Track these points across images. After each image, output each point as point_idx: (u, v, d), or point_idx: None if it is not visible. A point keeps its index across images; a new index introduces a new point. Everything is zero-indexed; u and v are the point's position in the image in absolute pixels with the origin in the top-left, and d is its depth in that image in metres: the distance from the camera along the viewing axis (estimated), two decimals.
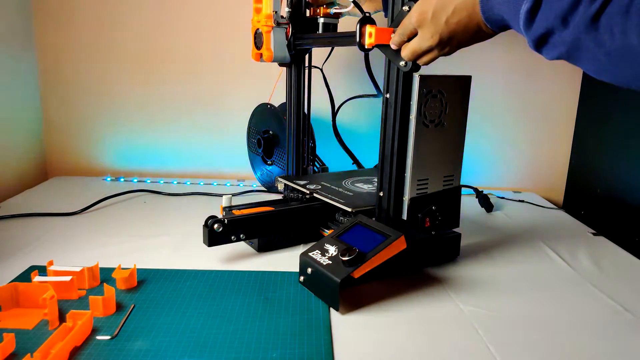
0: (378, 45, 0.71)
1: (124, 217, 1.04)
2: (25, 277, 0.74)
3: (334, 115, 1.10)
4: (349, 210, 0.81)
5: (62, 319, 0.62)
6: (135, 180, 1.33)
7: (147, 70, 1.34)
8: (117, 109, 1.37)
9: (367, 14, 0.73)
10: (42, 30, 1.31)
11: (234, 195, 1.11)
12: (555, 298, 0.74)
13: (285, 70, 1.00)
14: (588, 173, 1.28)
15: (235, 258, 0.84)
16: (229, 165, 1.40)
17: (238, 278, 0.76)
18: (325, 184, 0.95)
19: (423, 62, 0.67)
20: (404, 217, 0.76)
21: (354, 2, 0.85)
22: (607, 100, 1.21)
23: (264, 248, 0.87)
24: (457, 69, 1.31)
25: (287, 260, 0.83)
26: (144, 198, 1.18)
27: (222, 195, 0.91)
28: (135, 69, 1.34)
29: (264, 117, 1.19)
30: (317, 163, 1.14)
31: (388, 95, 0.73)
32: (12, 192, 1.20)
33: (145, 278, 0.75)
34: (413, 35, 0.66)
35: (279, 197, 1.03)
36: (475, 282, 0.78)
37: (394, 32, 0.68)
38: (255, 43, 0.97)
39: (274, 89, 1.18)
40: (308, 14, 0.95)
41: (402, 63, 0.69)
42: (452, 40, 0.62)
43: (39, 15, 1.30)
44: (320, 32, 0.93)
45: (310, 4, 0.95)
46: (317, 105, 1.06)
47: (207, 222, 0.79)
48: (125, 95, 1.36)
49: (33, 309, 0.64)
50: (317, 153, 1.14)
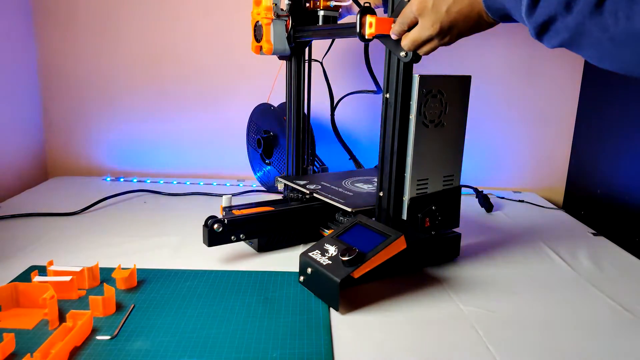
0: (378, 36, 0.71)
1: (124, 217, 1.04)
2: (25, 277, 0.74)
3: (333, 110, 1.10)
4: (349, 210, 0.81)
5: (62, 319, 0.62)
6: (135, 180, 1.33)
7: (147, 70, 1.34)
8: (117, 109, 1.37)
9: (366, 4, 0.73)
10: (42, 30, 1.31)
11: (234, 196, 1.11)
12: (555, 298, 0.74)
13: (285, 64, 1.00)
14: (588, 173, 1.28)
15: (235, 258, 0.84)
16: (229, 166, 1.40)
17: (238, 278, 0.76)
18: (325, 184, 0.95)
19: (423, 51, 0.67)
20: (404, 217, 0.76)
21: None
22: (607, 101, 1.21)
23: (264, 248, 0.87)
24: (457, 69, 1.32)
25: (287, 260, 0.83)
26: (144, 198, 1.18)
27: (221, 195, 0.91)
28: (135, 69, 1.34)
29: (264, 117, 1.19)
30: (316, 163, 1.14)
31: (388, 95, 0.73)
32: (12, 192, 1.20)
33: (145, 278, 0.75)
34: (413, 25, 0.65)
35: (279, 197, 1.03)
36: (475, 282, 0.78)
37: (394, 22, 0.68)
38: (255, 36, 0.97)
39: (273, 86, 1.18)
40: (308, 7, 0.94)
41: (402, 54, 0.69)
42: (452, 30, 0.62)
43: (39, 15, 1.30)
44: (320, 24, 0.93)
45: None
46: (316, 104, 1.06)
47: (207, 222, 0.79)
48: (125, 95, 1.36)
49: (33, 309, 0.64)
50: (316, 153, 1.14)
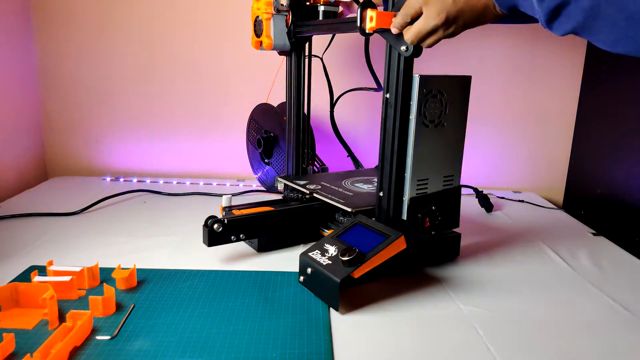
0: (379, 30, 0.71)
1: (124, 217, 1.04)
2: (25, 277, 0.74)
3: (332, 106, 1.10)
4: (349, 210, 0.81)
5: (62, 319, 0.62)
6: (135, 180, 1.33)
7: (146, 70, 1.34)
8: (116, 109, 1.37)
9: None
10: (42, 30, 1.31)
11: (234, 195, 1.11)
12: (555, 298, 0.74)
13: (285, 60, 1.00)
14: (588, 173, 1.28)
15: (235, 258, 0.84)
16: (229, 165, 1.40)
17: (238, 278, 0.76)
18: (325, 184, 0.95)
19: (427, 44, 0.66)
20: (404, 217, 0.76)
21: None
22: (607, 101, 1.21)
23: (264, 248, 0.87)
24: (457, 69, 1.32)
25: (287, 261, 0.83)
26: (144, 198, 1.18)
27: (221, 195, 0.91)
28: (135, 69, 1.34)
29: (265, 116, 1.19)
30: (317, 163, 1.14)
31: (388, 95, 0.73)
32: (12, 192, 1.20)
33: (145, 278, 0.75)
34: (416, 18, 0.65)
35: (279, 197, 1.03)
36: (475, 282, 0.78)
37: (396, 15, 0.67)
38: (255, 31, 0.96)
39: (272, 85, 1.18)
40: (308, 2, 0.94)
41: (403, 48, 0.69)
42: (458, 20, 0.61)
43: (39, 15, 1.30)
44: (321, 19, 0.92)
45: None
46: (317, 104, 1.06)
47: (207, 222, 0.79)
48: (125, 95, 1.36)
49: (33, 309, 0.64)
50: (316, 153, 1.14)
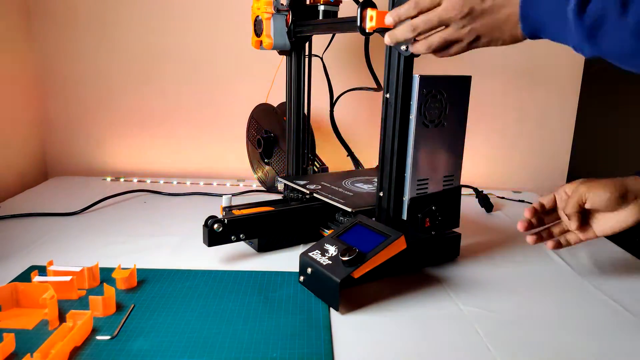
0: (379, 30, 0.70)
1: (124, 217, 1.04)
2: (25, 277, 0.74)
3: (332, 106, 1.10)
4: (349, 210, 0.81)
5: (62, 319, 0.62)
6: (135, 180, 1.33)
7: (147, 70, 1.34)
8: (117, 109, 1.37)
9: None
10: (42, 30, 1.31)
11: (234, 195, 1.11)
12: (555, 298, 0.74)
13: (285, 59, 1.00)
14: (588, 173, 1.27)
15: (236, 258, 0.84)
16: (229, 166, 1.40)
17: (238, 278, 0.76)
18: (325, 184, 0.95)
19: (432, 42, 0.61)
20: (404, 217, 0.76)
21: None
22: (607, 101, 1.21)
23: (264, 248, 0.87)
24: (457, 69, 1.32)
25: (287, 261, 0.83)
26: (144, 198, 1.18)
27: (222, 195, 0.91)
28: (136, 69, 1.34)
29: (264, 117, 1.19)
30: (317, 163, 1.14)
31: (388, 95, 0.73)
32: (12, 192, 1.20)
33: (145, 278, 0.75)
34: (418, 14, 0.61)
35: (279, 197, 1.03)
36: (475, 282, 0.78)
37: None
38: (255, 30, 0.96)
39: (272, 85, 1.18)
40: (308, 1, 0.94)
41: (403, 47, 0.68)
42: (476, 20, 0.58)
43: (39, 15, 1.30)
44: (321, 19, 0.92)
45: None
46: (317, 104, 1.06)
47: (207, 222, 0.79)
48: (125, 95, 1.36)
49: (33, 309, 0.64)
50: (316, 153, 1.14)
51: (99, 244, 0.88)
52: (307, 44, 0.98)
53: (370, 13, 0.70)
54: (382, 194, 0.77)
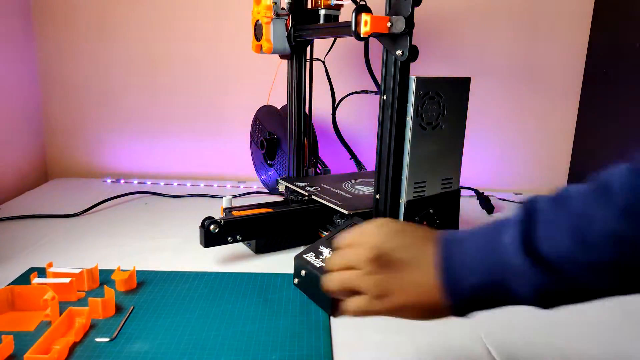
0: (374, 34, 0.71)
1: (124, 218, 1.04)
2: (25, 278, 0.74)
3: (334, 110, 1.10)
4: (346, 213, 0.81)
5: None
6: (136, 182, 1.34)
7: (147, 71, 1.34)
8: (117, 110, 1.37)
9: (362, 3, 0.73)
10: (42, 31, 1.32)
11: (235, 197, 1.11)
12: None
13: (286, 64, 1.00)
14: (588, 174, 1.28)
15: (235, 260, 0.84)
16: (230, 167, 1.40)
17: (237, 280, 0.76)
18: (325, 186, 0.95)
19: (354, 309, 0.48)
20: (401, 220, 0.76)
21: None
22: (607, 102, 1.21)
23: (262, 250, 0.87)
24: (457, 70, 1.32)
25: (285, 262, 0.83)
26: (145, 200, 1.19)
27: (222, 197, 0.92)
28: (136, 70, 1.34)
29: (268, 118, 1.19)
30: (319, 165, 1.14)
31: (385, 97, 0.73)
32: (12, 193, 1.20)
33: (145, 280, 0.75)
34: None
35: (280, 199, 1.03)
36: None
37: (389, 22, 0.66)
38: (255, 35, 0.97)
39: (272, 86, 1.18)
40: (309, 6, 0.95)
41: (399, 52, 0.69)
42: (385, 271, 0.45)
43: (39, 15, 1.31)
44: (321, 23, 0.92)
45: None
46: (318, 105, 1.06)
47: (203, 222, 0.79)
48: (126, 96, 1.36)
49: (33, 312, 0.64)
50: (319, 155, 1.14)
51: (99, 246, 0.89)
52: (308, 48, 0.99)
53: (365, 18, 0.70)
54: (379, 197, 0.77)
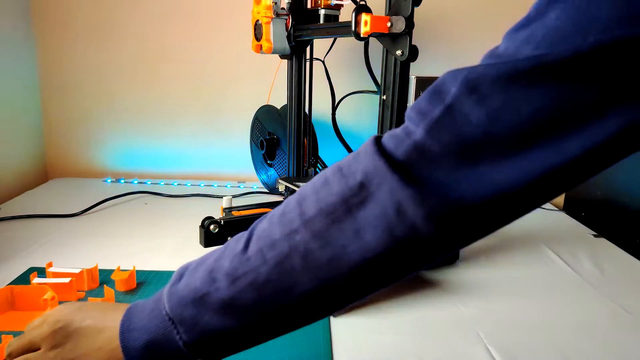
0: (374, 34, 0.70)
1: (124, 218, 1.04)
2: (25, 278, 0.74)
3: (334, 110, 1.09)
4: None
5: None
6: (136, 182, 1.33)
7: (147, 71, 1.34)
8: (117, 110, 1.37)
9: (362, 3, 0.73)
10: (42, 30, 1.31)
11: (235, 197, 1.11)
12: (556, 300, 0.74)
13: (286, 63, 1.00)
14: None
15: None
16: (230, 167, 1.40)
17: None
18: None
19: None
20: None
21: None
22: None
23: None
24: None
25: None
26: (145, 199, 1.18)
27: (222, 197, 0.91)
28: (136, 70, 1.34)
29: (269, 118, 1.19)
30: (319, 165, 1.13)
31: (385, 97, 0.73)
32: (12, 193, 1.20)
33: (145, 280, 0.75)
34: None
35: (280, 198, 1.03)
36: (476, 284, 0.78)
37: (389, 22, 0.66)
38: (255, 34, 0.96)
39: (272, 86, 1.18)
40: (309, 6, 0.94)
41: (399, 52, 0.69)
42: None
43: (39, 15, 1.30)
44: (321, 23, 0.92)
45: None
46: (318, 105, 1.06)
47: (203, 222, 0.79)
48: (126, 97, 1.36)
49: (32, 312, 0.64)
50: (319, 155, 1.13)
51: (99, 246, 0.88)
52: (307, 48, 0.99)
53: (365, 18, 0.70)
54: None
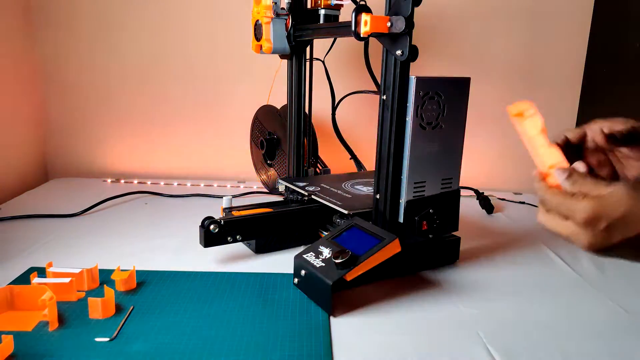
0: (374, 34, 0.70)
1: (125, 218, 1.04)
2: (25, 278, 0.74)
3: (334, 109, 1.10)
4: (345, 213, 0.81)
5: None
6: (136, 182, 1.34)
7: (147, 71, 1.34)
8: (117, 110, 1.37)
9: (362, 3, 0.73)
10: (42, 31, 1.32)
11: (235, 197, 1.11)
12: (557, 300, 0.74)
13: (286, 63, 1.00)
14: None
15: (234, 260, 0.84)
16: (230, 167, 1.40)
17: (237, 280, 0.76)
18: (325, 186, 0.95)
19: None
20: (401, 219, 0.76)
21: None
22: (607, 102, 1.21)
23: (262, 250, 0.87)
24: (457, 69, 1.32)
25: (285, 262, 0.83)
26: (145, 200, 1.19)
27: (222, 197, 0.92)
28: (136, 70, 1.34)
29: (267, 118, 1.19)
30: (319, 165, 1.14)
31: (385, 97, 0.73)
32: (12, 193, 1.20)
33: (145, 280, 0.75)
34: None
35: (280, 199, 1.03)
36: (476, 284, 0.78)
37: (389, 22, 0.65)
38: (255, 34, 0.97)
39: (272, 87, 1.18)
40: (309, 6, 0.94)
41: (398, 52, 0.69)
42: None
43: (39, 16, 1.31)
44: (321, 23, 0.92)
45: None
46: (318, 105, 1.06)
47: (203, 222, 0.79)
48: (126, 96, 1.36)
49: (31, 311, 0.64)
50: (319, 155, 1.14)
51: (99, 246, 0.89)
52: (308, 48, 0.99)
53: (365, 18, 0.69)
54: (378, 197, 0.77)
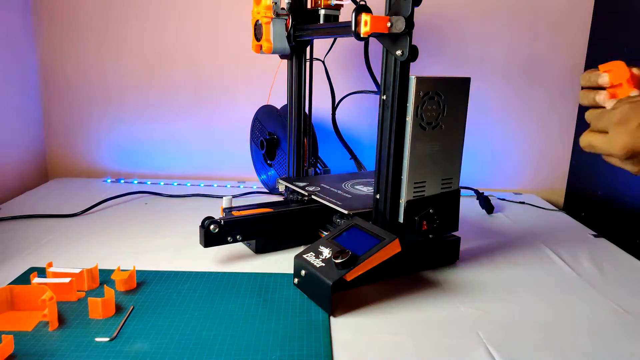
0: (374, 34, 0.70)
1: (125, 218, 1.04)
2: (25, 278, 0.74)
3: (334, 110, 1.09)
4: (345, 213, 0.81)
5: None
6: (136, 182, 1.34)
7: (147, 71, 1.34)
8: (117, 110, 1.37)
9: (362, 3, 0.72)
10: (42, 30, 1.32)
11: (235, 197, 1.11)
12: (556, 300, 0.74)
13: (286, 63, 1.00)
14: (588, 174, 1.28)
15: (235, 260, 0.84)
16: (230, 167, 1.40)
17: (237, 280, 0.76)
18: (325, 186, 0.95)
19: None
20: (401, 219, 0.76)
21: None
22: None
23: (262, 250, 0.87)
24: (457, 69, 1.32)
25: (285, 262, 0.83)
26: (145, 200, 1.19)
27: (222, 197, 0.92)
28: (136, 70, 1.34)
29: (269, 118, 1.19)
30: (319, 165, 1.14)
31: (385, 97, 0.73)
32: (12, 193, 1.20)
33: (145, 280, 0.75)
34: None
35: (280, 199, 1.03)
36: (476, 284, 0.78)
37: (389, 22, 0.66)
38: (255, 34, 0.97)
39: (272, 87, 1.18)
40: (309, 6, 0.94)
41: (399, 52, 0.69)
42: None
43: (39, 15, 1.31)
44: (321, 23, 0.92)
45: None
46: (318, 105, 1.06)
47: (203, 222, 0.79)
48: (126, 96, 1.36)
49: (31, 311, 0.64)
50: (319, 155, 1.14)
51: (99, 246, 0.89)
52: (308, 48, 0.99)
53: (365, 18, 0.69)
54: (378, 197, 0.77)
